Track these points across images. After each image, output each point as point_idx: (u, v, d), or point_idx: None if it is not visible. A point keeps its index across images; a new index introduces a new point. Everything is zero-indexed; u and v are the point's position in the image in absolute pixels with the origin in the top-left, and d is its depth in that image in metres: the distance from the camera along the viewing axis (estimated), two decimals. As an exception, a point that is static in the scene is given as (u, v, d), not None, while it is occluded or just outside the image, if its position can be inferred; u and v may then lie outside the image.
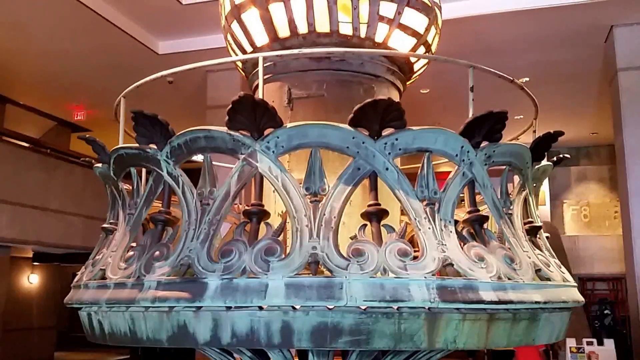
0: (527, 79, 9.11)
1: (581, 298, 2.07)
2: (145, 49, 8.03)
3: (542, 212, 12.48)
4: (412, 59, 2.83)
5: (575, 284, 2.10)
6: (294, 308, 1.70)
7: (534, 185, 2.25)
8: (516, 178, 2.13)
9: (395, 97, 2.82)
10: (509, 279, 1.79)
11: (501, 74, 2.15)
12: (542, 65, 8.53)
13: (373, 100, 1.80)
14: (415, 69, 2.92)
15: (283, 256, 1.73)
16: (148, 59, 8.27)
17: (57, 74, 9.17)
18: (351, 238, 1.81)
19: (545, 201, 13.64)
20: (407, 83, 2.96)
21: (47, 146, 10.24)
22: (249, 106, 1.82)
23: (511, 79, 2.18)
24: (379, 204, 1.84)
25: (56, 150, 10.26)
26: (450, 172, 1.90)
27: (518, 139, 2.82)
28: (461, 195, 1.93)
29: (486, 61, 8.69)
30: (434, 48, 2.94)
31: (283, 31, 2.62)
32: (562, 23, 7.09)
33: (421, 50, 2.83)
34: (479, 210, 1.94)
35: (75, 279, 2.16)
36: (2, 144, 8.85)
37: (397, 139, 1.85)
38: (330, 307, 1.67)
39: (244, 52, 2.80)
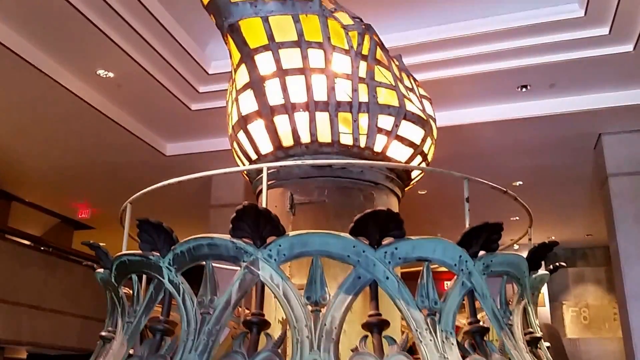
0: (521, 182, 9.27)
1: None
2: (153, 150, 8.20)
3: (542, 314, 12.25)
4: (410, 167, 2.89)
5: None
6: None
7: (532, 294, 2.22)
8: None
9: (394, 203, 2.86)
10: (512, 393, 1.73)
11: (495, 185, 2.20)
12: (534, 169, 8.70)
13: (373, 211, 1.82)
14: (412, 176, 2.99)
15: (283, 368, 1.68)
16: (155, 160, 8.43)
17: (63, 172, 9.29)
18: (352, 350, 1.76)
19: (545, 303, 13.41)
20: (406, 189, 3.01)
21: (48, 244, 10.18)
22: (253, 215, 1.83)
23: (504, 190, 2.22)
24: (380, 314, 1.81)
25: (57, 248, 10.19)
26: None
27: (515, 245, 2.84)
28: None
29: (480, 165, 8.93)
30: (430, 157, 3.02)
31: (287, 140, 2.69)
32: (552, 131, 7.31)
33: (418, 159, 2.91)
34: (479, 321, 1.91)
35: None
36: (5, 242, 8.80)
37: (396, 248, 1.86)
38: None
39: (248, 158, 2.87)
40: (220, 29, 2.70)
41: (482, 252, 1.92)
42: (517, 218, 8.17)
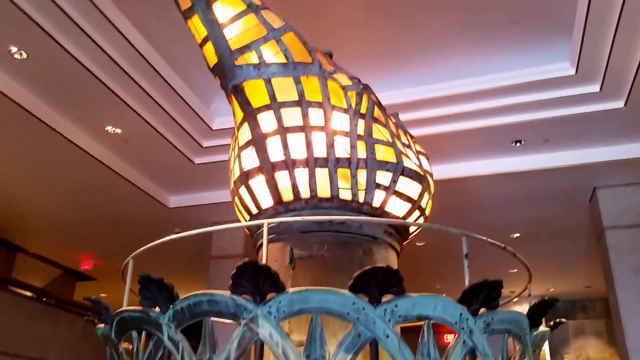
0: (518, 234, 9.23)
1: None
2: (156, 202, 8.21)
3: (543, 368, 11.92)
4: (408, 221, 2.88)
5: None
6: None
7: (534, 351, 2.17)
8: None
9: (393, 258, 2.84)
10: None
11: (493, 241, 2.18)
12: (532, 221, 8.67)
13: (373, 268, 1.80)
14: (411, 231, 2.97)
15: None
16: (158, 212, 8.43)
17: (67, 224, 9.27)
18: (352, 410, 1.71)
19: (546, 356, 13.09)
20: (404, 243, 2.99)
21: (50, 296, 10.05)
22: (253, 272, 1.81)
23: (503, 246, 2.20)
24: (381, 374, 1.77)
25: (59, 300, 10.05)
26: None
27: (515, 299, 2.79)
28: None
29: (477, 217, 8.90)
30: (428, 212, 3.01)
31: (287, 195, 2.70)
32: (548, 184, 7.33)
33: (416, 214, 2.90)
34: (482, 382, 1.86)
35: None
36: (8, 294, 8.69)
37: (396, 306, 1.82)
38: None
39: (249, 213, 2.87)
40: (224, 89, 2.75)
41: (482, 310, 1.89)
42: (516, 270, 8.10)
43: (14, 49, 5.10)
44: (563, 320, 2.32)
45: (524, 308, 2.92)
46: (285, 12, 3.05)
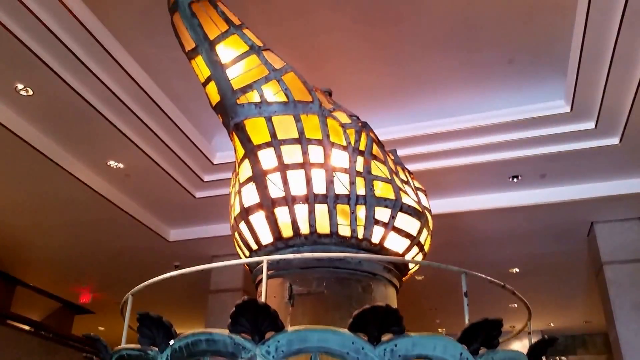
0: (517, 269, 9.17)
1: None
2: (156, 235, 8.17)
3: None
4: (407, 257, 2.87)
5: None
6: None
7: (535, 391, 2.13)
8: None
9: (392, 294, 2.81)
10: None
11: (492, 279, 2.16)
12: (530, 256, 8.62)
13: (372, 307, 1.78)
14: (410, 267, 2.95)
15: None
16: (158, 245, 8.39)
17: (67, 257, 9.20)
18: None
19: (547, 392, 12.83)
20: (403, 279, 2.97)
21: (49, 330, 9.91)
22: (252, 310, 1.79)
23: (502, 284, 2.19)
24: (380, 415, 1.73)
25: (58, 334, 9.91)
26: None
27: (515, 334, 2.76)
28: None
29: (476, 252, 8.84)
30: (427, 248, 3.00)
31: (287, 231, 2.69)
32: (545, 219, 7.31)
33: (415, 250, 2.89)
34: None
35: None
36: (7, 328, 8.57)
37: (396, 345, 1.80)
38: None
39: (249, 248, 2.85)
40: (226, 127, 2.78)
41: (482, 349, 1.86)
42: (516, 305, 8.01)
43: (20, 86, 5.16)
44: (563, 358, 2.28)
45: (524, 343, 2.88)
46: (286, 53, 3.10)
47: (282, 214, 2.68)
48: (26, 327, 9.46)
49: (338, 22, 4.98)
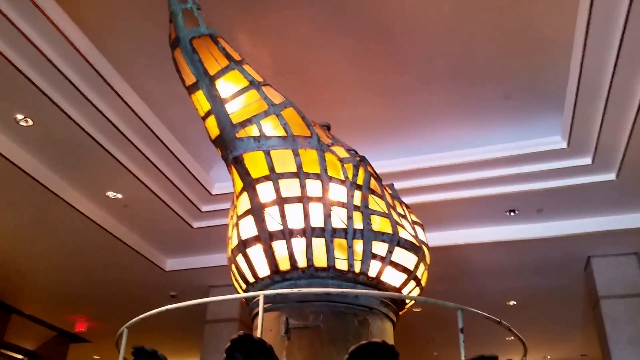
0: (514, 302, 9.09)
1: None
2: (153, 266, 8.11)
3: None
4: (404, 291, 2.86)
5: None
6: None
7: None
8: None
9: (389, 328, 2.79)
10: None
11: (488, 316, 2.15)
12: (527, 289, 8.56)
13: (369, 343, 1.77)
14: (407, 301, 2.94)
15: None
16: (154, 275, 8.32)
17: (63, 286, 9.10)
18: None
19: None
20: (400, 313, 2.95)
21: (44, 359, 9.76)
22: (247, 346, 1.78)
23: (498, 320, 2.18)
24: None
25: (52, 364, 9.76)
26: None
27: None
28: None
29: (473, 285, 8.77)
30: (423, 282, 2.99)
31: (284, 265, 2.69)
32: (542, 253, 7.29)
33: (411, 285, 2.88)
34: None
35: None
36: (1, 357, 8.45)
37: (392, 382, 1.78)
38: None
39: (246, 281, 2.84)
40: (225, 160, 2.80)
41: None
42: (512, 338, 7.91)
43: (20, 117, 5.18)
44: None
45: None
46: (285, 88, 3.14)
47: (279, 247, 2.68)
48: (20, 357, 9.31)
49: (336, 57, 5.06)
